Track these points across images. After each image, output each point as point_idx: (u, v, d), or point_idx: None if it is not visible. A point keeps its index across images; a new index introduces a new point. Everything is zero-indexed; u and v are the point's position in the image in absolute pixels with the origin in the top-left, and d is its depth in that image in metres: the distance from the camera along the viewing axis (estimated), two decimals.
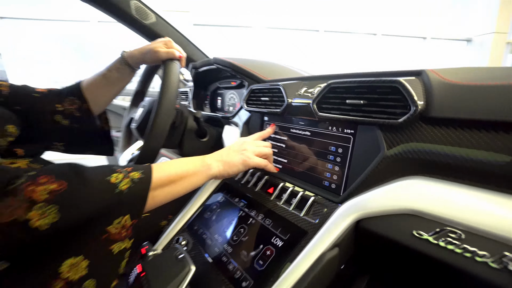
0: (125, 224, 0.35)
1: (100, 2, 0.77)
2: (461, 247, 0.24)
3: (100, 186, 0.32)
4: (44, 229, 0.28)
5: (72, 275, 0.31)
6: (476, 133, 0.28)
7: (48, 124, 0.60)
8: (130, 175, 0.36)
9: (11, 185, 0.27)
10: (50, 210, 0.28)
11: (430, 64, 5.06)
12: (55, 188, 0.29)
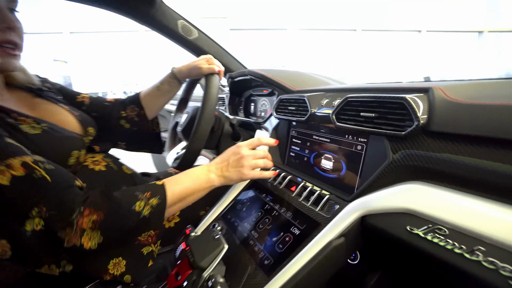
0: (150, 234, 0.46)
1: (154, 23, 0.92)
2: (445, 241, 0.29)
3: (128, 214, 0.41)
4: (94, 247, 0.38)
5: (115, 270, 0.42)
6: (469, 146, 0.32)
7: (115, 127, 0.75)
8: (150, 202, 0.44)
9: (72, 216, 0.37)
10: (95, 235, 0.38)
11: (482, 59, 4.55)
12: (95, 218, 0.38)
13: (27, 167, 0.36)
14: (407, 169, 0.37)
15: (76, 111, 0.64)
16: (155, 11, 0.87)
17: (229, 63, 1.11)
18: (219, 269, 0.44)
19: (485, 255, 0.26)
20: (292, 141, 0.65)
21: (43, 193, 0.36)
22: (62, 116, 0.59)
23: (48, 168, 0.38)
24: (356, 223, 0.38)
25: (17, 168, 0.35)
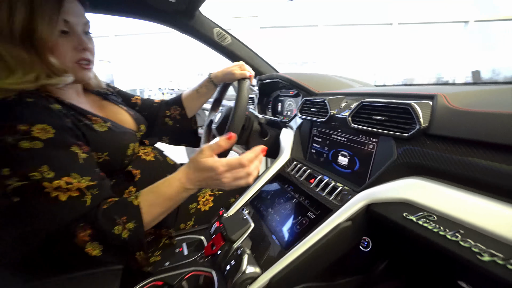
0: (142, 256, 0.49)
1: (193, 32, 1.04)
2: (432, 225, 0.35)
3: (110, 235, 0.45)
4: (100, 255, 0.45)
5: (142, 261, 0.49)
6: (461, 147, 0.37)
7: (161, 124, 0.89)
8: (127, 226, 0.46)
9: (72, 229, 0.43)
10: (95, 245, 0.44)
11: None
12: (90, 232, 0.44)
13: (80, 191, 0.46)
14: (409, 166, 0.43)
15: (131, 111, 0.77)
16: (194, 22, 0.99)
17: (259, 66, 1.20)
18: (246, 243, 0.54)
19: (463, 236, 0.32)
20: (313, 139, 0.72)
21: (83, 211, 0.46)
22: (122, 115, 0.73)
23: (96, 192, 0.48)
24: (362, 210, 0.45)
25: (73, 189, 0.45)
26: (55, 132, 0.47)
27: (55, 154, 0.46)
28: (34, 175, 0.42)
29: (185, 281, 0.52)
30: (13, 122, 0.43)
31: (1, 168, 0.41)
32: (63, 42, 0.53)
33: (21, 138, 0.43)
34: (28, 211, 0.43)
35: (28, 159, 0.43)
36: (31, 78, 0.48)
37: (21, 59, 0.47)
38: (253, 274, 0.47)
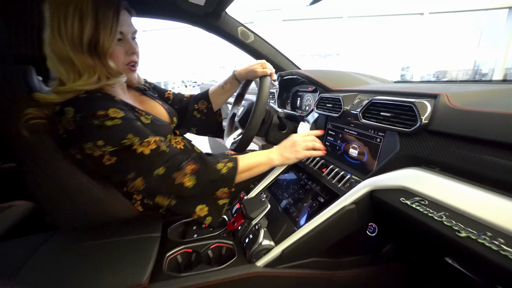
0: (225, 191, 0.64)
1: (219, 31, 1.11)
2: (423, 208, 0.41)
3: (213, 168, 0.62)
4: (191, 187, 0.59)
5: (200, 213, 0.63)
6: (456, 142, 0.42)
7: (190, 117, 0.99)
8: (227, 165, 0.64)
9: (181, 164, 0.60)
10: (193, 177, 0.59)
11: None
12: (194, 167, 0.60)
13: (156, 144, 0.59)
14: (409, 158, 0.48)
15: (165, 105, 0.88)
16: (220, 22, 1.07)
17: (280, 61, 1.26)
18: (263, 221, 0.63)
19: (447, 217, 0.37)
20: (328, 132, 0.78)
21: (165, 157, 0.59)
22: (158, 109, 0.83)
23: (167, 144, 0.62)
24: (366, 195, 0.51)
25: (151, 143, 0.58)
26: (124, 112, 0.59)
27: (132, 125, 0.59)
28: (125, 142, 0.56)
29: (210, 250, 0.61)
30: (93, 110, 0.56)
31: (96, 141, 0.56)
32: (118, 48, 0.63)
33: (104, 120, 0.56)
34: (124, 165, 0.58)
35: (115, 132, 0.56)
36: (94, 79, 0.59)
37: (87, 65, 0.59)
38: (268, 246, 0.55)
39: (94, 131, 0.56)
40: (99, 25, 0.58)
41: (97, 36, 0.59)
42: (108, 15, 0.59)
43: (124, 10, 0.64)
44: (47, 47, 0.59)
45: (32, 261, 0.52)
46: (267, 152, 0.71)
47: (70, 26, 0.57)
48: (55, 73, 0.61)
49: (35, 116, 0.58)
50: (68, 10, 0.57)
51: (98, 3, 0.58)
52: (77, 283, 0.47)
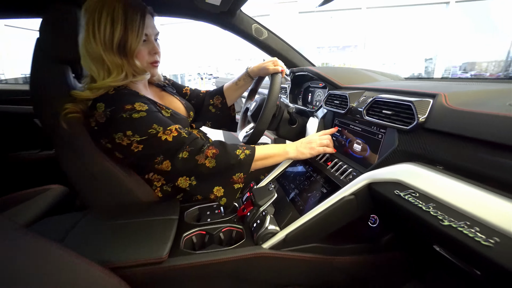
0: (240, 176, 0.72)
1: (234, 29, 1.16)
2: (414, 199, 0.44)
3: (232, 153, 0.69)
4: (211, 167, 0.66)
5: (217, 193, 0.69)
6: (449, 140, 0.45)
7: (206, 111, 1.05)
8: (245, 152, 0.72)
9: (203, 148, 0.67)
10: (213, 160, 0.67)
11: None
12: (215, 152, 0.67)
13: (177, 131, 0.66)
14: (406, 153, 0.51)
15: (183, 100, 0.95)
16: (235, 20, 1.11)
17: (293, 57, 1.29)
18: (270, 208, 0.68)
19: (434, 208, 0.41)
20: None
21: (186, 142, 0.68)
22: (176, 104, 0.90)
23: (186, 131, 0.70)
24: (364, 187, 0.55)
25: (173, 131, 0.65)
26: (147, 105, 0.68)
27: (156, 116, 0.68)
28: (151, 131, 0.65)
29: (222, 233, 0.68)
30: (121, 105, 0.64)
31: (125, 131, 0.64)
32: (143, 48, 0.70)
33: (131, 112, 0.64)
34: (151, 151, 0.67)
35: (142, 123, 0.65)
36: (122, 77, 0.67)
37: (116, 63, 0.66)
38: (273, 230, 0.61)
39: (123, 123, 0.64)
40: (128, 29, 0.65)
41: (125, 38, 0.66)
42: (135, 20, 0.66)
43: (148, 14, 0.71)
44: (82, 48, 0.67)
45: (73, 234, 0.61)
46: (283, 145, 0.78)
47: (102, 29, 0.64)
48: (87, 71, 0.70)
49: (72, 111, 0.67)
50: (102, 16, 0.64)
51: (127, 10, 0.65)
52: (109, 252, 0.55)
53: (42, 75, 0.74)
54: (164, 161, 0.67)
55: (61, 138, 0.71)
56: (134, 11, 0.66)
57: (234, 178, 0.71)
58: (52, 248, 0.44)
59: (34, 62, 0.75)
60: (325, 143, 0.76)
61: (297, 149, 0.77)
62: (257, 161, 0.73)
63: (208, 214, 0.75)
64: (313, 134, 0.80)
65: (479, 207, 0.36)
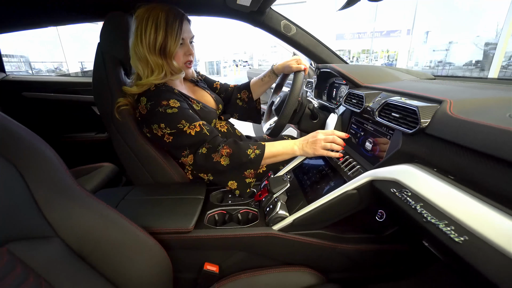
0: (251, 172, 0.80)
1: (263, 26, 1.22)
2: (404, 198, 0.49)
3: (244, 152, 0.78)
4: (225, 165, 0.76)
5: (231, 186, 0.79)
6: (448, 147, 0.48)
7: (233, 104, 1.15)
8: (255, 151, 0.79)
9: (218, 147, 0.77)
10: (227, 158, 0.76)
11: None
12: (228, 151, 0.76)
13: (200, 127, 0.77)
14: (407, 155, 0.55)
15: (213, 94, 1.05)
16: (264, 18, 1.17)
17: (321, 52, 1.31)
18: (283, 196, 0.77)
19: (421, 207, 0.46)
20: (351, 126, 0.86)
21: (206, 138, 0.77)
22: (207, 98, 1.01)
23: (207, 128, 0.79)
24: (366, 183, 0.61)
25: (197, 126, 0.76)
26: (180, 103, 0.79)
27: (185, 113, 0.79)
28: (180, 126, 0.77)
29: (240, 214, 0.79)
30: (159, 100, 0.77)
31: (160, 123, 0.77)
32: (179, 51, 0.82)
33: (166, 108, 0.76)
34: (179, 143, 0.78)
35: (173, 118, 0.77)
36: (162, 75, 0.79)
37: (158, 64, 0.78)
38: (283, 215, 0.70)
39: (159, 116, 0.77)
40: (168, 35, 0.77)
41: (166, 42, 0.78)
42: (175, 27, 0.77)
43: (186, 21, 0.81)
44: (132, 50, 0.81)
45: (122, 204, 0.77)
46: (292, 144, 0.83)
47: (148, 34, 0.77)
48: (135, 69, 0.83)
49: (123, 104, 0.82)
50: (148, 23, 0.76)
51: (168, 18, 0.76)
52: (149, 220, 0.69)
53: (101, 72, 0.89)
54: (189, 155, 0.79)
55: (114, 125, 0.87)
56: (174, 19, 0.77)
57: (245, 174, 0.80)
58: (111, 212, 0.58)
59: (96, 60, 0.91)
60: (328, 146, 0.78)
61: (302, 148, 0.81)
62: (266, 159, 0.81)
63: (229, 197, 0.87)
64: (320, 132, 0.81)
65: (457, 208, 0.41)
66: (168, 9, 0.78)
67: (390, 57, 16.95)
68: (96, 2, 0.98)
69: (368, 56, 17.09)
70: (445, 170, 0.48)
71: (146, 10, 0.77)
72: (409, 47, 12.88)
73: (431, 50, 13.54)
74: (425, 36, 13.60)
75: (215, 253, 0.74)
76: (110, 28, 0.89)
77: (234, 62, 18.81)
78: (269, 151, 0.80)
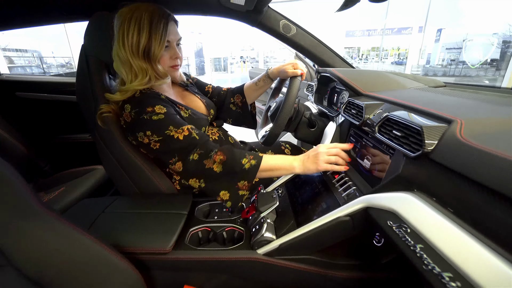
0: (245, 183, 0.73)
1: (261, 26, 1.15)
2: (403, 236, 0.42)
3: (238, 161, 0.71)
4: (218, 172, 0.70)
5: (223, 197, 0.73)
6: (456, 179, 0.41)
7: (226, 109, 1.09)
8: (251, 161, 0.72)
9: (211, 153, 0.71)
10: (220, 165, 0.70)
11: None
12: (222, 158, 0.70)
13: (188, 131, 0.71)
14: (407, 181, 0.48)
15: (204, 98, 0.99)
16: (262, 17, 1.10)
17: (322, 54, 1.24)
18: (271, 215, 0.71)
19: (421, 249, 0.39)
20: (350, 138, 0.78)
21: (197, 143, 0.72)
22: (197, 103, 0.95)
23: (197, 132, 0.74)
24: (361, 210, 0.54)
25: (185, 130, 0.71)
26: (166, 108, 0.73)
27: (173, 119, 0.73)
28: (168, 132, 0.71)
29: (225, 232, 0.73)
30: (144, 107, 0.71)
31: (146, 131, 0.72)
32: (165, 54, 0.76)
33: (152, 115, 0.71)
34: (167, 149, 0.72)
35: (160, 124, 0.71)
36: (146, 80, 0.74)
37: (142, 68, 0.73)
38: (269, 238, 0.64)
39: (144, 124, 0.71)
40: (152, 37, 0.71)
41: (149, 45, 0.72)
42: (159, 29, 0.71)
43: (172, 22, 0.75)
44: (114, 52, 0.75)
45: (100, 218, 0.72)
46: (291, 159, 0.74)
47: (130, 36, 0.71)
48: (118, 73, 0.78)
49: (106, 111, 0.77)
50: (130, 24, 0.70)
51: (152, 19, 0.70)
52: (125, 238, 0.64)
53: (85, 75, 0.84)
54: (177, 162, 0.73)
55: (97, 132, 0.82)
56: (158, 20, 0.71)
57: (239, 185, 0.72)
58: (77, 234, 0.53)
59: (79, 63, 0.86)
60: (333, 160, 0.70)
61: (303, 164, 0.72)
62: (261, 172, 0.73)
63: (216, 212, 0.81)
64: (321, 146, 0.74)
65: (466, 259, 0.34)
66: (153, 10, 0.72)
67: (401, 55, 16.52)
68: (82, 1, 0.93)
69: (378, 54, 16.70)
70: (450, 204, 0.41)
71: (129, 10, 0.72)
72: (420, 45, 12.52)
73: (443, 48, 13.14)
74: (437, 34, 13.20)
75: (196, 274, 0.68)
76: (96, 29, 0.84)
77: (242, 59, 18.70)
78: (266, 164, 0.73)
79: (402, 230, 0.43)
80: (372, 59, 17.59)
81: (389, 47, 16.31)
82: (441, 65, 13.18)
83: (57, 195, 1.15)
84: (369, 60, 17.69)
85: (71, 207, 0.82)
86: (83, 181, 1.26)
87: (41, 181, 1.40)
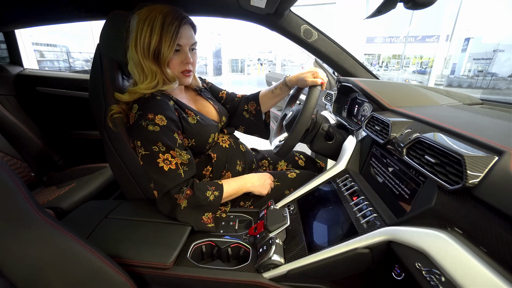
0: (209, 216, 0.73)
1: (281, 30, 1.10)
2: (436, 283, 0.36)
3: (202, 196, 0.72)
4: (182, 208, 0.68)
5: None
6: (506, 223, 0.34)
7: (240, 116, 1.04)
8: (214, 193, 0.74)
9: (182, 189, 0.70)
10: (185, 201, 0.68)
11: None
12: (189, 193, 0.68)
13: (176, 166, 0.70)
14: (441, 218, 0.41)
15: (217, 104, 0.95)
16: (282, 21, 1.05)
17: (344, 62, 1.17)
18: (281, 235, 0.65)
19: None
20: (371, 158, 0.72)
21: (176, 181, 0.70)
22: (209, 108, 0.91)
23: (185, 168, 0.71)
24: (383, 243, 0.47)
25: (172, 164, 0.69)
26: (167, 121, 0.70)
27: (166, 136, 0.69)
28: (154, 148, 0.68)
29: (230, 248, 0.68)
30: (146, 112, 0.68)
31: (136, 140, 0.70)
32: (175, 58, 0.73)
33: (149, 123, 0.68)
34: (148, 171, 0.70)
35: (151, 136, 0.68)
36: (154, 84, 0.71)
37: (151, 70, 0.71)
38: (277, 262, 0.58)
39: (140, 131, 0.69)
40: (162, 39, 0.68)
41: (159, 47, 0.69)
42: (170, 31, 0.67)
43: (187, 25, 0.72)
44: (128, 53, 0.73)
45: (102, 224, 0.70)
46: (246, 180, 0.85)
47: (143, 38, 0.68)
48: (131, 74, 0.76)
49: (116, 111, 0.74)
50: (144, 26, 0.68)
51: (165, 21, 0.67)
52: (125, 248, 0.61)
53: (98, 75, 0.83)
54: (155, 189, 0.71)
55: (106, 133, 0.80)
56: (171, 22, 0.68)
57: (204, 219, 0.73)
58: (74, 244, 0.50)
59: (94, 63, 0.84)
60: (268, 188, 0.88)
61: (254, 186, 0.85)
62: (225, 199, 0.78)
63: (222, 225, 0.76)
64: (267, 177, 0.91)
65: None
66: (168, 11, 0.69)
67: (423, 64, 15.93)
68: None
69: (399, 61, 16.21)
70: (493, 252, 0.34)
71: (146, 10, 0.69)
72: (446, 54, 12.02)
73: (470, 58, 12.57)
74: (465, 43, 12.63)
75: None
76: (111, 28, 0.82)
77: (259, 61, 18.70)
78: (226, 192, 0.78)
79: (434, 278, 0.37)
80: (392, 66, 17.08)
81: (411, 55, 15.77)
82: (466, 75, 12.60)
83: (67, 191, 1.15)
84: (389, 67, 17.20)
85: (76, 209, 0.81)
86: (94, 179, 1.25)
87: (54, 175, 1.42)
